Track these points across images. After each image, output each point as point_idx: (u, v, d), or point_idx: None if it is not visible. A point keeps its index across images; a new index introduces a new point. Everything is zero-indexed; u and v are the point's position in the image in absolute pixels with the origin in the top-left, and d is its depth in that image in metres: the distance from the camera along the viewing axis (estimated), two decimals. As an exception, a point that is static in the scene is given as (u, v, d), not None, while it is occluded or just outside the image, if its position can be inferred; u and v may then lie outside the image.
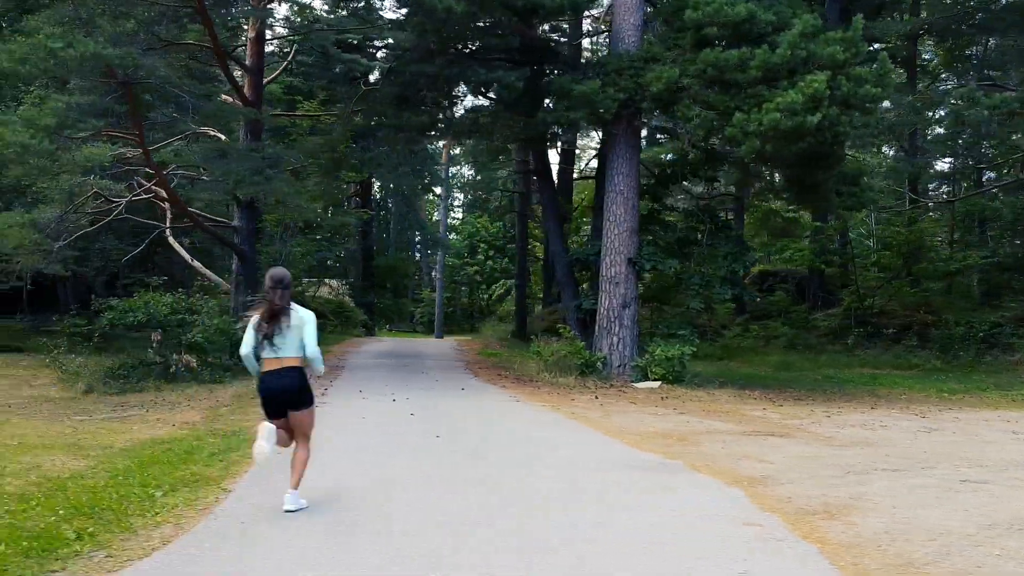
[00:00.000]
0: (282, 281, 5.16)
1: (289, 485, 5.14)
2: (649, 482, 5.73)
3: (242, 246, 14.47)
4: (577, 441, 7.45)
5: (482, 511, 4.96)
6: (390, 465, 6.40)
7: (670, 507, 5.06)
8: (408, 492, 5.51)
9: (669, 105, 11.73)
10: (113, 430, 8.56)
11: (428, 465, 6.33)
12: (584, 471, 6.07)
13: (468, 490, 5.48)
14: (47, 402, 11.56)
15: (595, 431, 7.96)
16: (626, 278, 12.32)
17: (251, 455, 5.36)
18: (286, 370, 5.15)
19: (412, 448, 7.06)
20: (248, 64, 14.38)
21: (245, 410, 9.94)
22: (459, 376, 13.46)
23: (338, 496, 5.51)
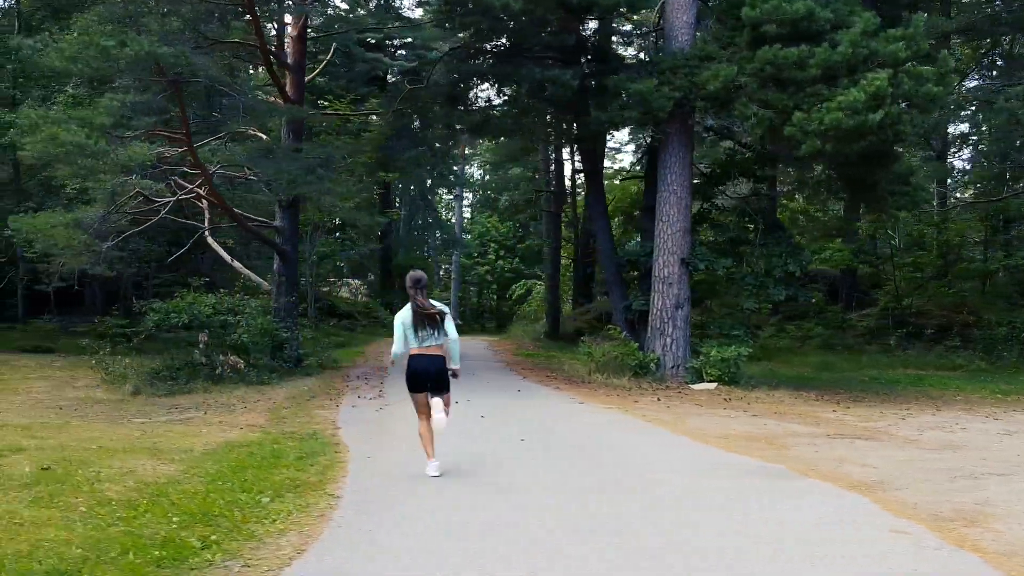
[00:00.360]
0: (420, 282, 6.19)
1: (428, 457, 6.28)
2: (764, 488, 5.62)
3: (284, 246, 14.35)
4: (664, 445, 7.34)
5: (609, 517, 4.84)
6: (495, 476, 6.26)
7: (802, 514, 4.94)
8: (523, 499, 5.39)
9: (725, 104, 11.62)
10: (183, 433, 8.45)
11: (531, 472, 6.22)
12: (691, 476, 5.96)
13: (586, 498, 5.36)
14: (97, 403, 11.47)
15: (677, 434, 7.85)
16: (679, 278, 12.20)
17: (418, 432, 6.51)
18: (431, 356, 6.22)
19: (503, 454, 6.95)
20: (290, 62, 14.25)
21: (307, 412, 9.85)
22: (507, 377, 13.35)
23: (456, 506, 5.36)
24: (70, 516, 5.14)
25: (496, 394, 11.08)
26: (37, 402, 11.62)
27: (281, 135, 14.21)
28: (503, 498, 5.36)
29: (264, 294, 14.75)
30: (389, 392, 11.35)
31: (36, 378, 14.64)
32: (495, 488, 5.65)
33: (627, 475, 5.96)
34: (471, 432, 7.94)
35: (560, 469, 6.19)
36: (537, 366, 15.10)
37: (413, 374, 6.29)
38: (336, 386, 12.25)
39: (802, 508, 5.10)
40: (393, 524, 4.90)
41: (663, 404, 10.14)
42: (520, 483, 5.83)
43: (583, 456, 6.73)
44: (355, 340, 20.85)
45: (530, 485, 5.75)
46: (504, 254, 43.16)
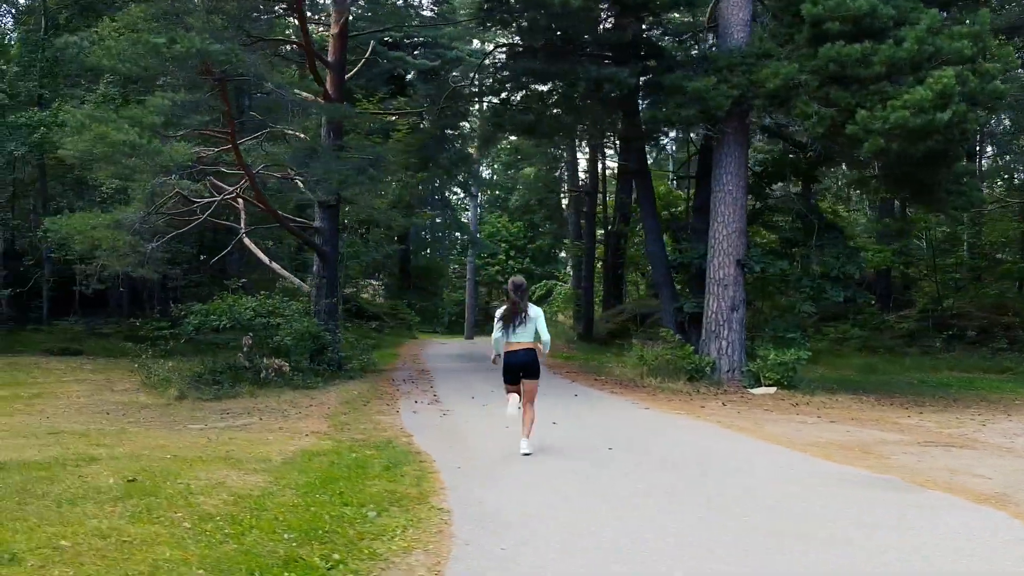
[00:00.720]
0: (520, 287, 7.14)
1: (523, 435, 7.17)
2: (892, 501, 5.39)
3: (324, 247, 14.13)
4: (757, 454, 7.11)
5: (727, 533, 4.60)
6: (602, 493, 6.01)
7: (946, 532, 4.71)
8: (639, 519, 5.15)
9: (784, 102, 11.39)
10: (250, 440, 8.23)
11: (635, 485, 5.99)
12: (804, 488, 5.73)
13: (703, 516, 5.11)
14: (143, 408, 11.25)
15: (766, 442, 7.62)
16: (735, 280, 11.97)
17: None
18: (523, 351, 7.08)
19: (598, 467, 6.70)
20: (331, 60, 14.02)
21: (368, 418, 9.62)
22: (557, 381, 13.11)
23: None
24: (176, 533, 4.92)
25: (554, 399, 10.85)
26: (81, 407, 11.39)
27: (321, 135, 13.97)
28: (620, 518, 5.11)
29: (304, 296, 14.52)
30: (443, 397, 11.12)
31: (70, 381, 14.42)
32: (608, 506, 5.40)
33: (735, 489, 5.71)
34: (554, 443, 7.70)
35: (663, 485, 5.94)
36: (580, 369, 14.87)
37: (507, 366, 7.19)
38: (385, 390, 12.02)
39: (941, 524, 4.87)
40: (521, 542, 4.66)
41: (731, 409, 9.90)
42: (629, 498, 5.60)
43: (678, 469, 6.48)
44: (385, 342, 20.63)
45: (641, 501, 5.51)
46: (515, 254, 43.00)
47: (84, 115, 10.84)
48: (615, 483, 5.97)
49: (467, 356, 17.18)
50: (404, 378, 13.58)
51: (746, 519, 4.92)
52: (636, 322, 19.34)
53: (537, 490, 5.88)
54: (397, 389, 12.06)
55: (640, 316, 19.32)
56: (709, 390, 11.47)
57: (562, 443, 7.65)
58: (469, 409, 10.03)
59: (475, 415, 9.51)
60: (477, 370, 14.71)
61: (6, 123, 17.25)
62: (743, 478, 6.06)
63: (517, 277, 7.21)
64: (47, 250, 19.22)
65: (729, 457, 6.90)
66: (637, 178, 13.35)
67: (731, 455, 7.00)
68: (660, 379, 12.08)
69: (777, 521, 4.88)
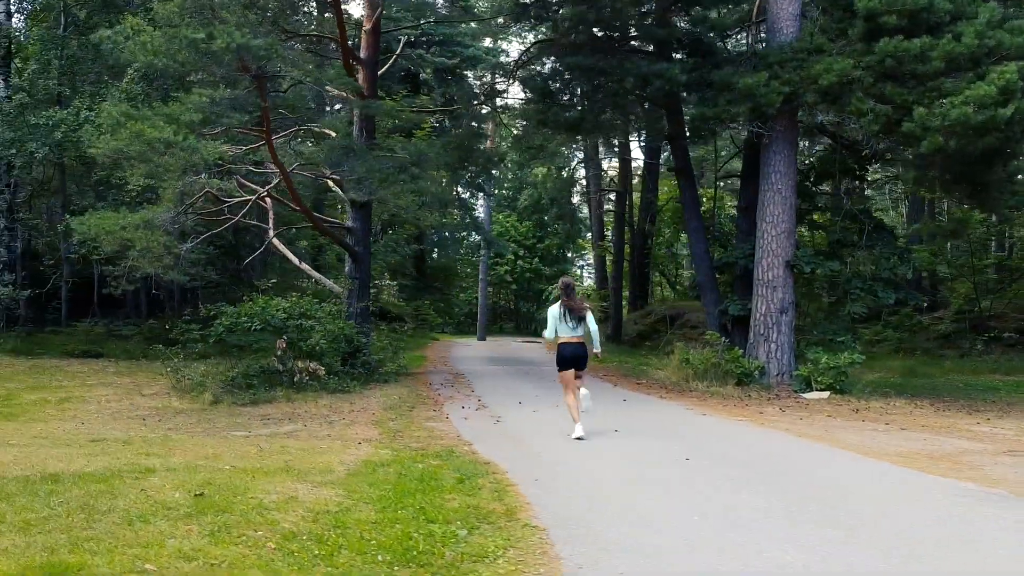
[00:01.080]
0: (569, 287, 8.20)
1: (577, 427, 7.96)
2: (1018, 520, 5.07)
3: (356, 248, 13.81)
4: (842, 464, 6.79)
5: (876, 559, 4.28)
6: (700, 511, 5.68)
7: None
8: (749, 534, 4.81)
9: (836, 99, 11.08)
10: (304, 449, 7.92)
11: (733, 501, 5.67)
12: (915, 505, 5.42)
13: (826, 534, 4.79)
14: (179, 414, 10.96)
15: (844, 451, 7.31)
16: (784, 282, 11.66)
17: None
18: (576, 343, 8.04)
19: (683, 480, 6.39)
20: (363, 56, 13.70)
21: (418, 424, 9.31)
22: (598, 385, 12.79)
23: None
24: (263, 554, 4.62)
25: (603, 404, 10.54)
26: (115, 412, 11.10)
27: (353, 133, 13.65)
28: (741, 540, 4.77)
29: (335, 298, 14.20)
30: (489, 402, 10.80)
31: (96, 384, 14.12)
32: (717, 524, 5.07)
33: (851, 508, 5.39)
34: (627, 451, 7.38)
35: (767, 501, 5.61)
36: (618, 372, 14.55)
37: (562, 357, 8.09)
38: (426, 395, 11.71)
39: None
40: (638, 567, 4.35)
41: (792, 415, 9.59)
42: (736, 515, 5.27)
43: (772, 482, 6.16)
44: (409, 344, 20.29)
45: (750, 517, 5.19)
46: (524, 254, 42.67)
47: (120, 112, 10.52)
48: (712, 498, 5.65)
49: (498, 359, 16.86)
50: (441, 382, 13.26)
51: (888, 547, 4.55)
52: (666, 324, 19.02)
53: (630, 504, 5.57)
54: (438, 394, 11.75)
55: (669, 318, 19.00)
56: (760, 395, 11.16)
57: (634, 451, 7.34)
58: (520, 415, 9.72)
59: (529, 422, 9.20)
60: (514, 374, 14.40)
61: (26, 123, 16.95)
62: (834, 494, 5.73)
63: (566, 278, 8.26)
64: (66, 251, 18.93)
65: (818, 468, 6.59)
66: (680, 177, 13.03)
67: (819, 466, 6.68)
68: (707, 383, 11.77)
69: (929, 549, 4.50)
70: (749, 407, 10.27)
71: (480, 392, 11.75)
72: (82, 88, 17.81)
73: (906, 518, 5.09)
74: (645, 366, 15.44)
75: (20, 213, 19.36)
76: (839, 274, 11.80)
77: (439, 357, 17.87)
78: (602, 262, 23.49)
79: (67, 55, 18.13)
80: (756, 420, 9.19)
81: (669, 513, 5.34)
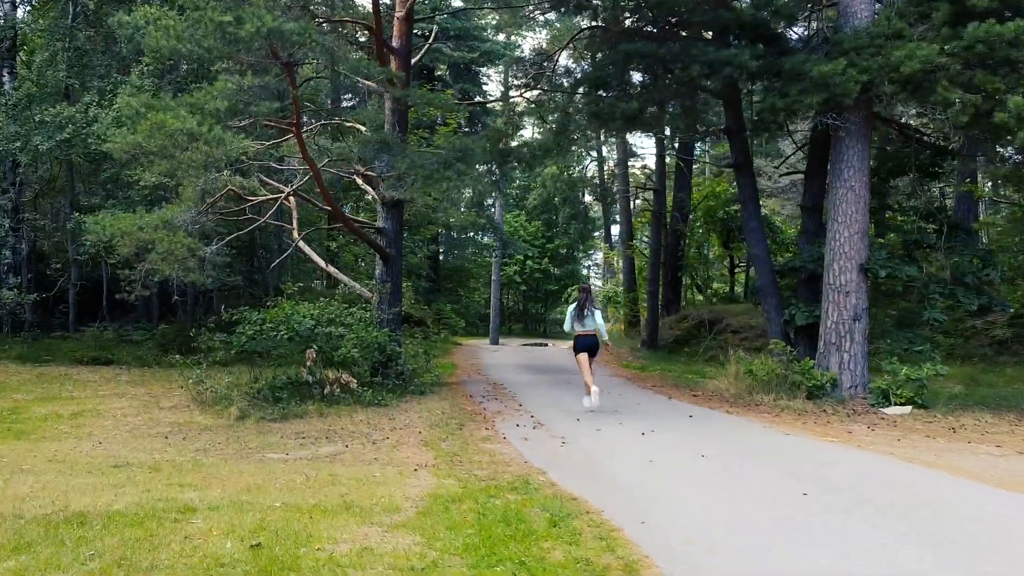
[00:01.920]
0: (587, 290, 10.86)
1: (593, 389, 10.24)
2: None
3: (388, 249, 12.92)
4: (992, 499, 5.90)
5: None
6: (857, 562, 4.77)
7: None
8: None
9: (918, 88, 10.19)
10: (356, 479, 7.03)
11: (888, 548, 4.78)
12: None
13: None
14: (204, 431, 10.07)
15: (971, 481, 6.42)
16: (857, 287, 10.77)
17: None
18: (589, 336, 10.35)
19: (814, 516, 5.50)
20: (396, 45, 12.81)
21: (473, 445, 8.40)
22: (651, 397, 11.92)
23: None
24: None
25: (668, 420, 9.66)
26: (133, 428, 10.22)
27: (385, 127, 12.75)
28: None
29: (365, 303, 13.31)
30: (544, 419, 9.89)
31: (109, 395, 13.24)
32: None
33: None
34: (725, 481, 6.49)
35: (938, 553, 4.73)
36: (667, 382, 13.65)
37: (577, 346, 10.48)
38: (470, 409, 10.82)
39: None
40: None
41: (884, 435, 8.70)
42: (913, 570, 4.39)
43: (920, 528, 5.27)
44: (434, 349, 19.39)
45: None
46: (533, 254, 41.82)
47: (140, 103, 9.63)
48: (870, 550, 4.75)
49: (533, 367, 15.97)
50: (481, 393, 12.37)
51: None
52: (705, 329, 18.13)
53: (780, 558, 4.67)
54: (484, 408, 10.85)
55: (710, 323, 18.11)
56: (836, 409, 10.27)
57: (735, 482, 6.44)
58: (584, 435, 8.82)
59: (597, 443, 8.31)
60: (556, 384, 13.50)
61: (32, 118, 16.07)
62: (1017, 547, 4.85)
63: (585, 283, 10.78)
64: (74, 252, 18.03)
65: (963, 506, 5.69)
66: (740, 174, 12.14)
67: (963, 503, 5.79)
68: (774, 396, 10.87)
69: None
70: (832, 424, 9.38)
71: (529, 407, 10.86)
72: (91, 83, 16.92)
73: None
74: (693, 375, 14.55)
75: (26, 213, 18.46)
76: (916, 278, 10.90)
77: (469, 364, 16.97)
78: (631, 264, 22.57)
79: (75, 47, 17.23)
80: (849, 441, 8.30)
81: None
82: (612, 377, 14.82)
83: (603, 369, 16.44)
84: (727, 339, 17.16)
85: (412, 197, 11.21)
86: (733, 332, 17.35)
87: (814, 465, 7.08)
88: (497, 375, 14.95)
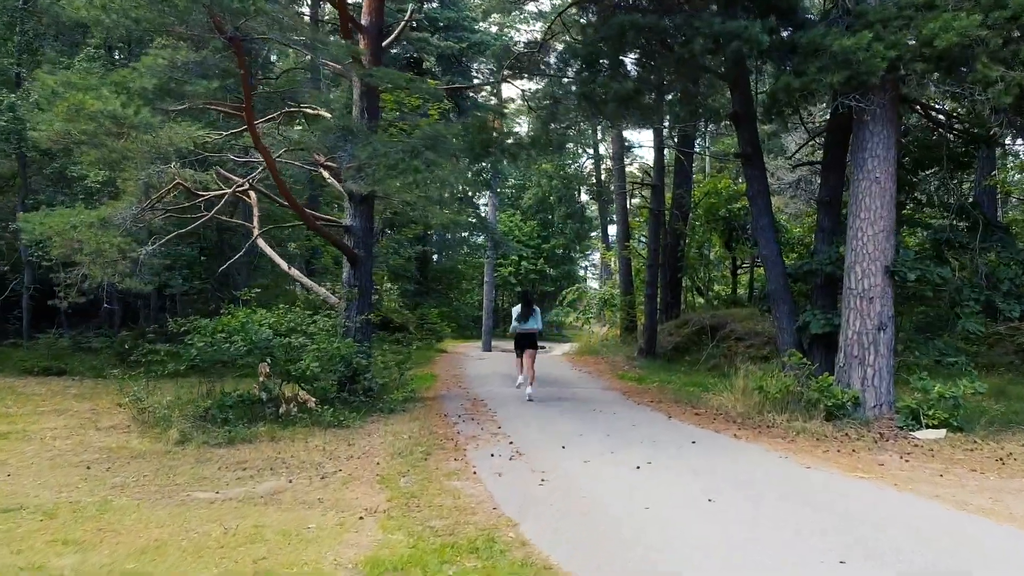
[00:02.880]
0: (528, 293, 13.97)
1: (528, 385, 12.23)
2: None
3: (356, 250, 11.62)
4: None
5: None
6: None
7: None
8: None
9: (954, 65, 8.91)
10: (286, 531, 5.73)
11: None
12: None
13: None
14: (135, 459, 8.77)
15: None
16: (882, 292, 9.48)
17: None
18: (530, 333, 12.34)
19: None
20: (365, 23, 11.51)
21: (436, 482, 7.08)
22: (648, 416, 10.61)
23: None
24: None
25: (668, 449, 8.35)
26: (57, 456, 8.90)
27: (354, 113, 11.45)
28: None
29: (330, 309, 12.01)
30: (523, 445, 8.57)
31: (49, 412, 11.92)
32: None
33: None
34: (746, 539, 5.17)
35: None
36: (667, 397, 12.33)
37: (519, 341, 12.44)
38: (442, 432, 9.51)
39: None
40: None
41: (921, 468, 7.40)
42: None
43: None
44: (415, 358, 18.06)
45: None
46: (528, 254, 40.58)
47: (56, 81, 8.31)
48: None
49: (516, 379, 14.64)
50: (458, 411, 11.06)
51: None
52: (707, 335, 16.82)
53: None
54: (457, 431, 9.54)
55: (711, 329, 16.80)
56: (860, 433, 8.97)
57: (753, 545, 5.13)
58: (569, 468, 7.51)
59: (584, 479, 7.00)
60: (545, 400, 12.18)
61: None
62: None
63: (526, 288, 10.78)
64: (26, 253, 16.72)
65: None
66: (748, 165, 10.83)
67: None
68: (787, 416, 9.57)
69: None
70: (858, 454, 8.07)
71: (510, 429, 9.54)
72: (42, 70, 15.61)
73: None
74: (695, 387, 13.24)
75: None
76: (948, 281, 9.62)
77: (451, 375, 15.65)
78: (627, 265, 21.25)
79: (26, 31, 15.93)
80: (883, 477, 7.00)
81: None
82: (606, 391, 13.49)
83: (597, 382, 15.17)
84: (731, 347, 15.87)
85: (375, 191, 9.88)
86: (737, 339, 16.04)
87: (846, 514, 5.77)
88: (480, 388, 13.63)
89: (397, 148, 8.67)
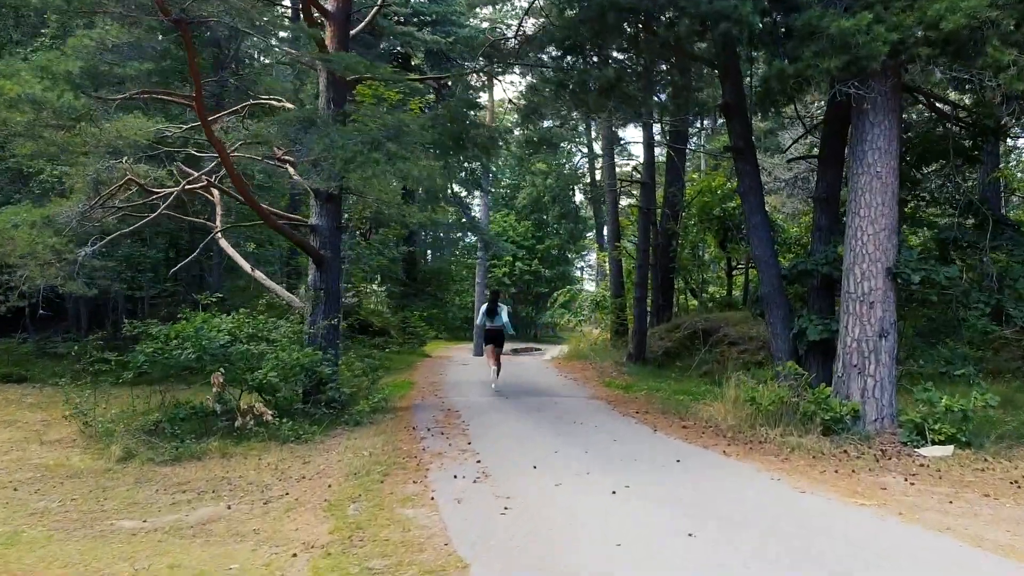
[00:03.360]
0: (497, 293, 14.96)
1: (493, 381, 13.50)
2: None
3: (322, 251, 10.89)
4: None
5: None
6: None
7: None
8: None
9: (962, 49, 8.19)
10: (202, 566, 5.00)
11: None
12: None
13: None
14: (70, 478, 8.07)
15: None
16: (884, 296, 8.75)
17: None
18: (497, 329, 13.60)
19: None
20: (332, 9, 10.78)
21: (387, 510, 6.34)
22: (634, 429, 9.87)
23: None
24: None
25: (649, 470, 7.62)
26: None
27: (319, 104, 10.73)
28: None
29: (295, 314, 11.28)
30: (491, 464, 7.83)
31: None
32: None
33: None
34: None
35: None
36: (654, 407, 11.59)
37: (486, 339, 13.97)
38: (406, 449, 8.77)
39: None
40: None
41: (929, 493, 6.67)
42: None
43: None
44: (395, 363, 17.32)
45: None
46: (523, 255, 39.86)
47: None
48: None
49: (501, 385, 13.91)
50: (428, 424, 10.32)
51: None
52: (700, 340, 16.08)
53: None
54: (423, 447, 8.81)
55: (704, 332, 16.07)
56: (859, 449, 8.24)
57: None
58: (538, 493, 6.78)
59: (552, 509, 6.26)
60: (522, 411, 11.43)
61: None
62: None
63: (495, 288, 12.06)
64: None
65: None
66: (739, 159, 10.09)
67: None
68: (781, 430, 8.84)
69: None
70: (857, 475, 7.34)
71: (480, 445, 8.80)
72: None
73: None
74: (685, 395, 12.51)
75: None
76: (954, 284, 8.90)
77: (429, 383, 14.90)
78: (618, 266, 20.51)
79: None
80: (886, 503, 6.27)
81: None
82: (591, 400, 12.74)
83: (582, 389, 14.41)
84: (724, 352, 15.13)
85: (339, 187, 9.15)
86: (731, 344, 15.30)
87: (845, 554, 5.04)
88: (456, 397, 12.88)
89: (356, 139, 7.93)
